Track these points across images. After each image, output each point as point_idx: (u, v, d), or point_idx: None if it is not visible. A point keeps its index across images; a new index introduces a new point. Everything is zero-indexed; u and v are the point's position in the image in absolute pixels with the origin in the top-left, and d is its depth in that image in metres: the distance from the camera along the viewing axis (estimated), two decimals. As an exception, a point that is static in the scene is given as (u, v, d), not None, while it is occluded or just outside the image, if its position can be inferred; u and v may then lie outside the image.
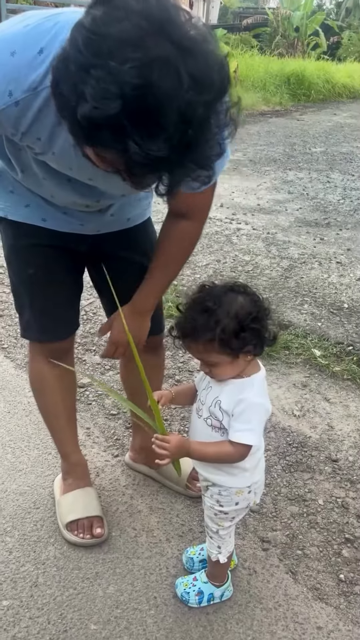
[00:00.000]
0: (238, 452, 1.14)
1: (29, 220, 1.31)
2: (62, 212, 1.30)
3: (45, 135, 1.02)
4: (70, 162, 1.07)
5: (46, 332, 1.46)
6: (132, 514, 1.65)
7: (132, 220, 1.40)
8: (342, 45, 21.98)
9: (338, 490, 1.77)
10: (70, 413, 1.63)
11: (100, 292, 1.55)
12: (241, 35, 19.37)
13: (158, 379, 1.69)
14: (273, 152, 7.12)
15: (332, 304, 2.97)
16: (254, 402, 1.12)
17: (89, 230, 1.34)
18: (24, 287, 1.41)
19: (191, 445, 1.16)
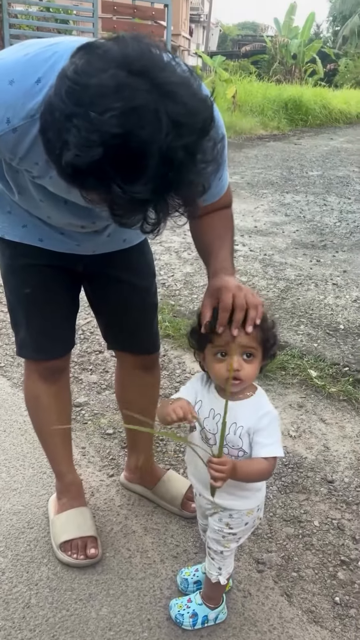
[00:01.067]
0: (272, 466, 1.13)
1: (26, 240, 1.32)
2: (59, 233, 1.31)
3: (42, 160, 1.03)
4: (68, 186, 1.08)
5: (42, 351, 1.46)
6: (127, 535, 1.64)
7: (128, 241, 1.41)
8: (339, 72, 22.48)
9: (334, 511, 1.77)
10: (65, 432, 1.62)
11: (97, 311, 1.56)
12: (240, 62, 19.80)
13: (154, 398, 1.69)
14: (271, 175, 7.22)
15: (328, 325, 2.99)
16: (274, 414, 1.14)
17: (85, 250, 1.36)
18: (21, 306, 1.42)
19: (237, 465, 1.10)
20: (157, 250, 4.04)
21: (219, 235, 1.27)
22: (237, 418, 1.13)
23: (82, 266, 1.40)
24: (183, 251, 4.00)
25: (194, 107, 0.78)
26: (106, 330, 1.58)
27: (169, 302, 3.18)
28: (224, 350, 1.09)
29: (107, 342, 1.61)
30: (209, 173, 0.83)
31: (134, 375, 1.59)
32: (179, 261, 3.84)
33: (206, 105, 0.81)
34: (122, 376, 1.65)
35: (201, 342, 1.13)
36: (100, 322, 1.59)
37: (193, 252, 4.03)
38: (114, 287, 1.43)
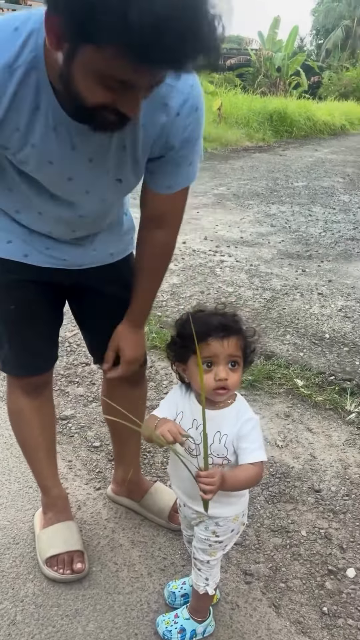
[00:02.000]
0: (260, 470, 1.14)
1: (10, 256, 1.31)
2: (45, 248, 1.30)
3: (23, 123, 1.01)
4: (51, 153, 1.06)
5: (24, 367, 1.45)
6: (114, 548, 1.63)
7: (115, 255, 1.41)
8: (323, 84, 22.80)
9: (321, 521, 1.77)
10: (49, 446, 1.61)
11: (82, 326, 1.55)
12: (225, 75, 20.01)
13: (141, 411, 1.69)
14: (256, 186, 7.29)
15: (314, 335, 3.01)
16: (256, 419, 1.16)
17: (72, 265, 1.35)
18: (4, 322, 1.40)
19: (225, 474, 1.10)
20: (144, 262, 4.05)
21: (150, 274, 1.36)
22: (220, 426, 1.14)
23: (68, 281, 1.39)
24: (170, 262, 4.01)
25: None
26: (92, 346, 1.57)
27: (156, 313, 3.18)
28: (210, 361, 1.10)
29: (94, 357, 1.60)
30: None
31: (120, 389, 1.58)
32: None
33: None
34: (108, 390, 1.64)
35: (183, 353, 1.14)
36: (86, 337, 1.58)
37: (180, 263, 4.05)
38: (100, 303, 1.42)
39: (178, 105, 1.07)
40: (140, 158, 1.14)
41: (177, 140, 1.12)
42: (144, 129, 1.09)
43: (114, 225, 1.38)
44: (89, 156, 1.09)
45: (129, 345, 1.40)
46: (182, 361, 1.16)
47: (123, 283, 1.42)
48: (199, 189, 6.89)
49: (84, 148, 1.07)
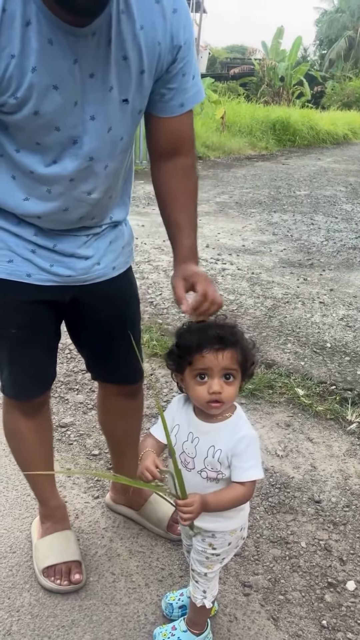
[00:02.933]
0: (250, 490, 1.13)
1: (13, 276, 1.25)
2: (49, 264, 1.25)
3: (17, 46, 0.97)
4: (54, 75, 1.01)
5: (24, 391, 1.41)
6: (111, 558, 1.62)
7: (117, 269, 1.37)
8: (326, 94, 22.90)
9: (321, 532, 1.75)
10: (47, 461, 1.58)
11: (79, 343, 1.50)
12: (228, 84, 20.13)
13: (137, 422, 1.67)
14: (259, 194, 7.30)
15: (315, 344, 3.00)
16: (253, 435, 1.13)
17: (76, 281, 1.30)
18: (3, 346, 1.35)
19: (207, 498, 1.10)
20: (146, 269, 4.06)
21: (185, 203, 1.29)
22: (215, 441, 1.12)
23: (69, 297, 1.33)
24: (171, 270, 3.98)
25: None
26: (89, 362, 1.54)
27: (157, 321, 3.18)
28: (204, 373, 1.09)
29: (91, 373, 1.58)
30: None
31: (116, 401, 1.57)
32: (167, 280, 3.84)
33: None
34: (104, 402, 1.62)
35: (180, 363, 1.13)
36: (83, 354, 1.54)
37: (181, 271, 4.04)
38: (98, 319, 1.38)
39: (171, 2, 1.07)
40: (145, 69, 1.10)
41: (181, 38, 1.11)
42: (144, 32, 1.06)
43: (117, 237, 1.35)
44: (90, 71, 1.04)
45: (203, 278, 1.21)
46: (179, 371, 1.15)
47: (122, 298, 1.39)
48: (201, 197, 6.89)
49: (84, 61, 1.02)
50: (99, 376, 1.56)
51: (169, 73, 1.14)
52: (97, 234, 1.31)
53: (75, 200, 1.20)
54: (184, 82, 1.17)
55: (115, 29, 1.03)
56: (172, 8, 1.08)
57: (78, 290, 1.33)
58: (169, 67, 1.13)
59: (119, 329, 1.38)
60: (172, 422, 1.18)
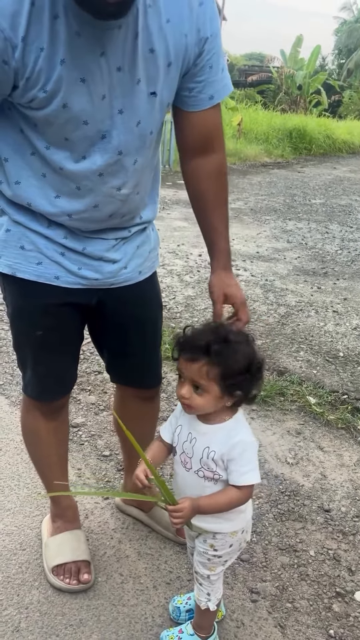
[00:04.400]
0: (246, 494, 1.13)
1: (41, 278, 1.25)
2: (77, 267, 1.26)
3: (46, 39, 0.98)
4: (82, 67, 1.02)
5: (47, 392, 1.43)
6: (120, 559, 1.62)
7: (143, 273, 1.38)
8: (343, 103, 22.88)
9: (330, 541, 1.75)
10: (62, 461, 1.60)
11: (100, 345, 1.51)
12: (246, 91, 20.18)
13: (152, 425, 1.68)
14: (274, 202, 7.31)
15: (328, 352, 3.00)
16: (249, 441, 1.13)
17: (102, 284, 1.31)
18: (29, 348, 1.36)
19: (200, 502, 1.12)
20: (160, 273, 4.06)
21: (218, 201, 1.32)
22: (210, 442, 1.13)
23: (95, 300, 1.34)
24: (185, 274, 4.02)
25: None
26: (109, 365, 1.54)
27: (170, 325, 3.19)
28: (180, 373, 1.11)
29: (110, 375, 1.59)
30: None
31: (133, 404, 1.57)
32: (180, 284, 3.86)
33: None
34: (121, 405, 1.63)
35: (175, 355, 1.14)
36: (102, 356, 1.55)
37: (195, 275, 4.05)
38: (121, 323, 1.39)
39: None
40: (173, 61, 1.11)
41: (208, 30, 1.12)
42: (171, 25, 1.07)
43: (144, 242, 1.36)
44: (118, 64, 1.05)
45: (235, 289, 1.32)
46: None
47: (146, 302, 1.40)
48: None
49: (111, 53, 1.03)
50: (119, 379, 1.57)
51: (197, 66, 1.15)
52: (125, 237, 1.31)
53: (105, 196, 1.19)
54: (212, 74, 1.17)
55: (142, 22, 1.04)
56: (198, 1, 1.09)
57: (104, 293, 1.33)
58: (196, 60, 1.14)
59: (141, 333, 1.38)
60: (176, 422, 1.21)
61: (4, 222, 1.25)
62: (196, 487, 1.17)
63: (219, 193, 1.33)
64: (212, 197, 1.32)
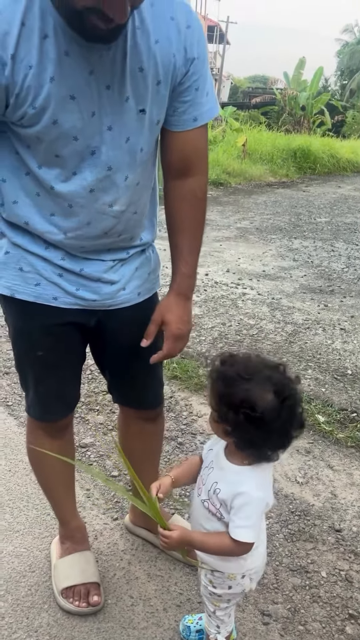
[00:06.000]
0: (238, 548, 1.08)
1: (40, 299, 1.27)
2: (75, 289, 1.28)
3: (35, 58, 1.01)
4: (71, 85, 1.05)
5: (50, 413, 1.43)
6: (130, 581, 1.61)
7: (142, 295, 1.39)
8: (347, 123, 23.08)
9: (342, 562, 1.72)
10: (68, 482, 1.59)
11: (102, 366, 1.52)
12: (250, 112, 20.43)
13: (156, 446, 1.68)
14: (279, 221, 7.35)
15: (336, 370, 2.99)
16: (253, 497, 1.06)
17: (101, 305, 1.32)
18: (30, 368, 1.38)
19: (193, 537, 1.12)
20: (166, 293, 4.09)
21: (190, 227, 1.31)
22: (220, 479, 1.10)
23: (94, 320, 1.36)
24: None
25: None
26: (111, 386, 1.55)
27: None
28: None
29: (112, 396, 1.60)
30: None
31: (136, 425, 1.58)
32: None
33: None
34: (124, 425, 1.63)
35: None
36: (105, 376, 1.56)
37: (201, 294, 4.08)
38: (121, 344, 1.40)
39: (185, 18, 1.12)
40: (161, 79, 1.13)
41: (195, 51, 1.15)
42: (159, 45, 1.10)
43: (143, 264, 1.37)
44: (107, 83, 1.08)
45: (175, 318, 1.30)
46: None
47: (145, 324, 1.39)
48: (222, 222, 6.98)
49: (100, 72, 1.06)
50: (120, 399, 1.58)
51: (182, 85, 1.17)
52: (123, 259, 1.32)
53: (98, 212, 1.21)
54: (198, 96, 1.20)
55: (130, 42, 1.07)
56: (186, 24, 1.13)
57: (103, 314, 1.34)
58: (182, 79, 1.16)
59: (140, 354, 1.38)
60: (213, 444, 1.18)
61: (3, 245, 1.27)
62: (201, 516, 1.14)
63: (191, 217, 1.32)
64: (183, 219, 1.31)
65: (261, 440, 1.04)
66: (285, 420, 1.03)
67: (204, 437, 2.34)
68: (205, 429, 2.39)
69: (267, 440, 1.04)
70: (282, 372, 1.06)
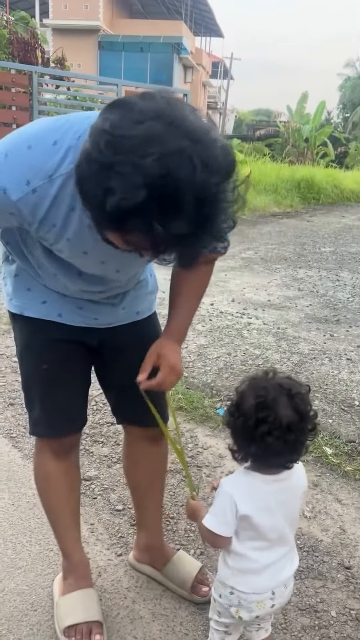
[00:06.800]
0: (207, 533, 1.20)
1: (46, 316, 1.36)
2: (77, 307, 1.36)
3: (59, 221, 1.10)
4: (85, 245, 1.15)
5: (55, 428, 1.46)
6: (133, 620, 1.57)
7: (141, 314, 1.47)
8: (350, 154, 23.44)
9: (352, 601, 1.67)
10: (74, 511, 1.59)
11: (106, 386, 1.56)
12: (254, 144, 20.80)
13: (161, 470, 1.67)
14: (284, 250, 7.40)
15: (343, 401, 2.96)
16: (223, 488, 1.19)
17: (102, 323, 1.40)
18: (36, 383, 1.43)
19: (199, 513, 1.27)
20: (172, 323, 4.09)
21: (190, 296, 1.43)
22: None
23: (97, 340, 1.43)
24: (197, 323, 4.05)
25: (219, 151, 0.89)
26: (115, 405, 1.58)
27: (183, 374, 3.18)
28: None
29: (116, 417, 1.61)
30: (233, 211, 0.93)
31: (141, 447, 1.59)
32: (193, 333, 3.88)
33: (227, 149, 0.92)
34: (129, 449, 1.64)
35: None
36: (109, 397, 1.60)
37: (207, 324, 4.08)
38: (124, 362, 1.44)
39: None
40: None
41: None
42: None
43: (140, 286, 1.45)
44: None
45: (171, 353, 1.39)
46: None
47: (145, 341, 1.44)
48: (227, 253, 7.02)
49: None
50: (124, 419, 1.60)
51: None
52: (123, 293, 1.42)
53: (95, 291, 1.34)
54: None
55: None
56: None
57: (104, 333, 1.42)
58: None
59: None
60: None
61: (14, 269, 1.38)
62: None
63: (195, 289, 1.43)
64: (186, 289, 1.42)
65: (274, 452, 1.16)
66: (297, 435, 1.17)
67: (210, 470, 2.31)
68: (212, 461, 2.36)
69: (280, 451, 1.16)
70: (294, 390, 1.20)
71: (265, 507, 1.17)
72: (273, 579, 1.22)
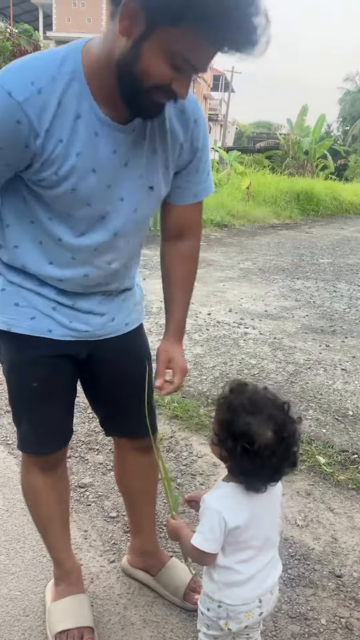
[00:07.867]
0: (194, 552, 1.17)
1: (34, 332, 1.32)
2: (68, 321, 1.33)
3: (66, 133, 1.10)
4: (94, 160, 1.15)
5: (43, 445, 1.45)
6: (125, 627, 1.58)
7: (129, 325, 1.46)
8: (349, 167, 23.60)
9: (342, 609, 1.69)
10: (64, 520, 1.59)
11: (94, 398, 1.55)
12: (254, 156, 20.96)
13: (153, 479, 1.67)
14: (282, 261, 7.45)
15: (337, 411, 2.98)
16: (209, 507, 1.14)
17: (92, 336, 1.38)
18: (24, 401, 1.41)
19: (181, 532, 1.23)
20: (169, 332, 4.12)
21: (182, 283, 1.48)
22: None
23: (85, 353, 1.40)
24: (194, 333, 4.08)
25: None
26: (103, 418, 1.57)
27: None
28: None
29: (106, 429, 1.61)
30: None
31: (132, 457, 1.59)
32: (189, 342, 3.90)
33: None
34: (120, 459, 1.64)
35: None
36: (97, 410, 1.58)
37: (204, 334, 4.10)
38: (112, 375, 1.44)
39: (193, 113, 1.27)
40: (170, 163, 1.27)
41: (200, 142, 1.31)
42: (171, 135, 1.24)
43: (129, 295, 1.45)
44: (125, 160, 1.19)
45: (179, 356, 1.44)
46: None
47: (134, 353, 1.46)
48: (225, 263, 7.08)
49: (122, 151, 1.18)
50: (114, 431, 1.60)
51: (187, 169, 1.33)
52: (110, 294, 1.40)
53: (96, 267, 1.30)
54: (198, 176, 1.36)
55: (149, 129, 1.21)
56: (194, 118, 1.28)
57: (93, 346, 1.40)
58: (187, 165, 1.32)
59: (130, 383, 1.43)
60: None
61: (0, 283, 1.34)
62: None
63: (187, 272, 1.48)
64: (179, 274, 1.47)
65: (253, 472, 1.11)
66: (280, 458, 1.10)
67: (203, 478, 2.32)
68: (205, 470, 2.38)
69: (258, 472, 1.11)
70: (285, 411, 1.15)
71: (252, 516, 1.16)
72: (259, 586, 1.22)
